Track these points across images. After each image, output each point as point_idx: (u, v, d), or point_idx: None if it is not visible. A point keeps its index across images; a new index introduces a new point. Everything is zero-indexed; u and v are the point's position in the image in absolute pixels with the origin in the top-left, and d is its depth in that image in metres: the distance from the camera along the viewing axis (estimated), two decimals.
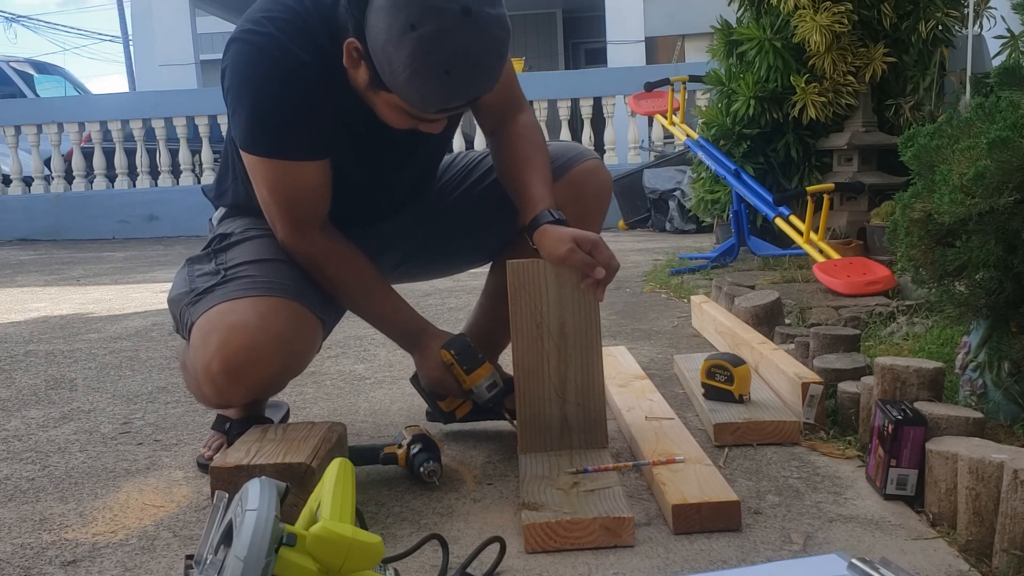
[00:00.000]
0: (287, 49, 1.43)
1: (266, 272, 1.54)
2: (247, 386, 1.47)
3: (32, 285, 4.87)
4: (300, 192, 1.53)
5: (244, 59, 1.46)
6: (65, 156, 8.31)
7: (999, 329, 1.57)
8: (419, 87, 1.33)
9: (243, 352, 1.43)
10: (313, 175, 1.53)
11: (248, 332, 1.43)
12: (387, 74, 1.35)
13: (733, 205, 4.01)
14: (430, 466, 1.53)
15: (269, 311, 1.46)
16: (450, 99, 1.37)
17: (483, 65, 1.34)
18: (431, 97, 1.36)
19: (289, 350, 1.48)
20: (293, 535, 0.95)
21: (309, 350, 1.56)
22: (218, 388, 1.47)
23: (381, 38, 1.31)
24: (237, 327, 1.44)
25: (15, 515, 1.53)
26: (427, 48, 1.28)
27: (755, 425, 1.72)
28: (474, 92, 1.38)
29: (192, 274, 1.60)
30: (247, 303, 1.47)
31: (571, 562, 1.25)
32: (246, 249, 1.61)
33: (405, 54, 1.29)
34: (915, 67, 3.87)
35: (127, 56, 16.91)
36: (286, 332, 1.46)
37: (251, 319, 1.45)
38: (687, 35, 11.53)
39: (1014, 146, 1.41)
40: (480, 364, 1.60)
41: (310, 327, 1.53)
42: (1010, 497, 1.15)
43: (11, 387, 2.48)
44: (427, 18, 1.27)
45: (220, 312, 1.47)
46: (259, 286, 1.51)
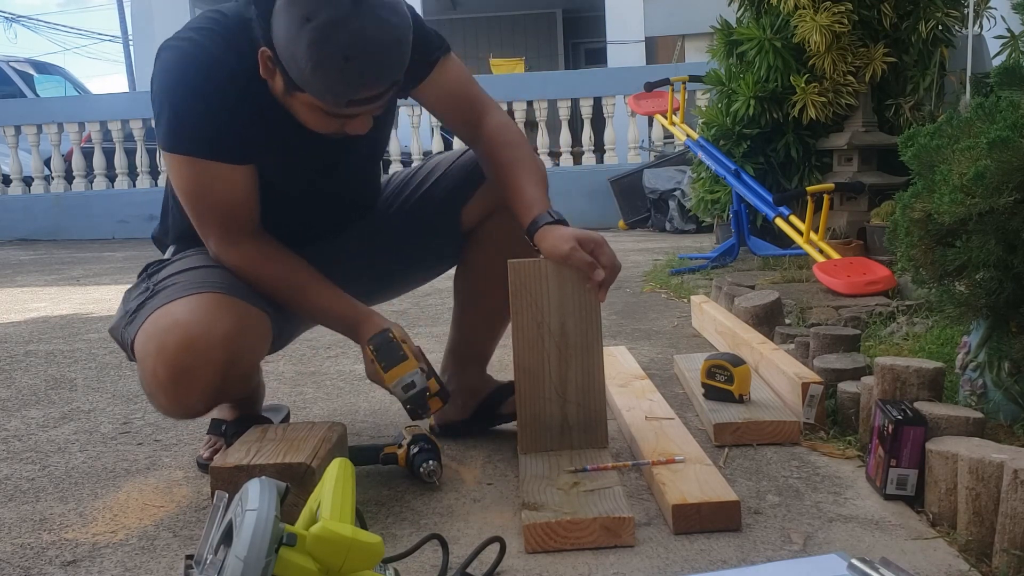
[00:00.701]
0: (210, 52, 1.46)
1: (194, 276, 1.52)
2: (199, 385, 1.43)
3: (32, 285, 4.87)
4: (224, 197, 1.51)
5: (168, 63, 1.48)
6: (65, 156, 8.30)
7: (999, 329, 1.57)
8: (323, 78, 1.35)
9: (182, 350, 1.40)
10: (237, 180, 1.51)
11: (183, 329, 1.41)
12: (295, 72, 1.37)
13: (733, 205, 4.01)
14: (430, 466, 1.53)
15: (201, 307, 1.44)
16: (356, 87, 1.37)
17: (382, 50, 1.36)
18: (337, 87, 1.37)
19: (231, 340, 1.43)
20: (293, 535, 0.95)
21: (256, 340, 1.51)
22: (171, 394, 1.44)
23: (283, 37, 1.36)
24: (171, 328, 1.41)
25: (15, 515, 1.53)
26: (324, 37, 1.32)
27: (755, 425, 1.72)
28: (379, 79, 1.38)
29: (126, 300, 1.59)
30: (178, 304, 1.45)
31: (571, 562, 1.25)
32: (176, 264, 1.59)
33: (304, 47, 1.33)
34: (915, 67, 3.87)
35: (127, 56, 16.90)
36: (223, 323, 1.43)
37: (183, 317, 1.42)
38: (687, 35, 11.52)
39: (1014, 146, 1.41)
40: (399, 362, 1.52)
41: (252, 317, 1.49)
42: (1010, 497, 1.15)
43: (11, 387, 2.48)
44: (319, 9, 1.31)
45: (153, 320, 1.45)
46: (189, 288, 1.48)
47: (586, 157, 7.84)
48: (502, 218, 1.71)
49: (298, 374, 2.49)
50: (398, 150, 7.88)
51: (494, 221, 1.73)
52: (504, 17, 14.21)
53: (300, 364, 2.60)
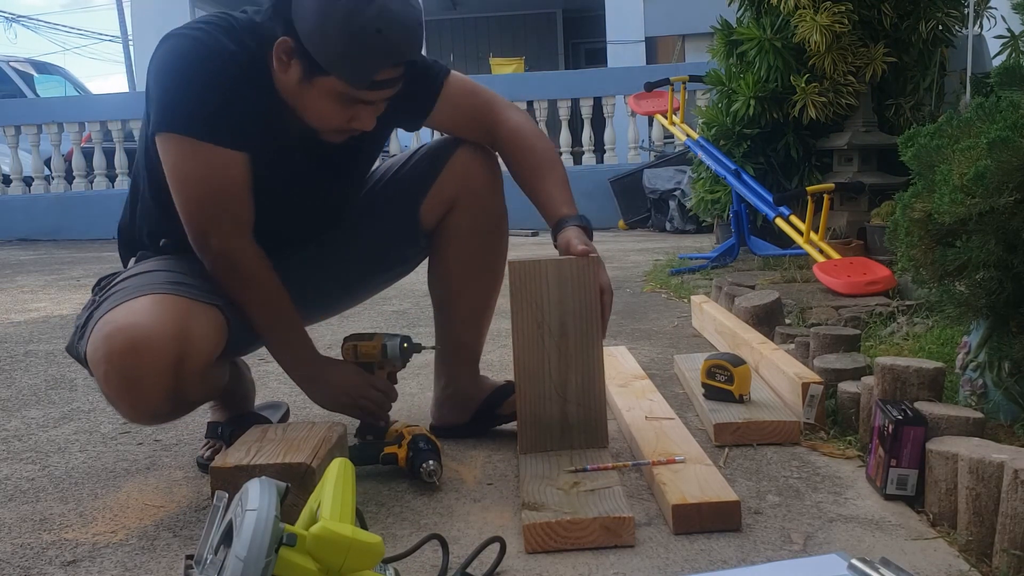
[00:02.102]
0: (215, 38, 1.47)
1: (138, 280, 1.50)
2: (152, 387, 1.39)
3: (32, 285, 4.87)
4: (225, 185, 1.49)
5: (173, 49, 1.48)
6: (65, 156, 8.31)
7: (999, 329, 1.57)
8: (354, 49, 1.40)
9: (128, 354, 1.37)
10: (238, 168, 1.49)
11: (125, 333, 1.38)
12: (322, 51, 1.41)
13: (733, 205, 4.01)
14: (430, 466, 1.53)
15: (143, 308, 1.41)
16: (384, 58, 1.43)
17: (408, 26, 1.43)
18: (369, 60, 1.42)
19: (176, 338, 1.39)
20: (293, 535, 0.95)
21: (206, 335, 1.46)
22: (127, 399, 1.41)
23: (312, 17, 1.40)
24: (114, 334, 1.38)
25: (15, 515, 1.53)
26: (357, 11, 1.38)
27: (755, 425, 1.72)
28: (404, 53, 1.45)
29: (78, 317, 1.57)
30: (120, 310, 1.42)
31: (571, 562, 1.25)
32: (123, 273, 1.57)
33: (339, 20, 1.39)
34: (915, 67, 3.87)
35: (127, 56, 16.90)
36: (167, 322, 1.39)
37: (126, 320, 1.39)
38: (687, 35, 11.53)
39: (1014, 146, 1.41)
40: (375, 333, 1.69)
41: (199, 312, 1.45)
42: (1010, 497, 1.15)
43: (11, 387, 2.48)
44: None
45: (98, 328, 1.42)
46: (131, 292, 1.46)
47: (586, 157, 7.84)
48: (463, 212, 1.71)
49: None
50: (398, 149, 7.88)
51: (455, 216, 1.72)
52: (504, 17, 14.21)
53: None
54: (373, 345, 1.64)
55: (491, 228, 1.75)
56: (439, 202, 1.72)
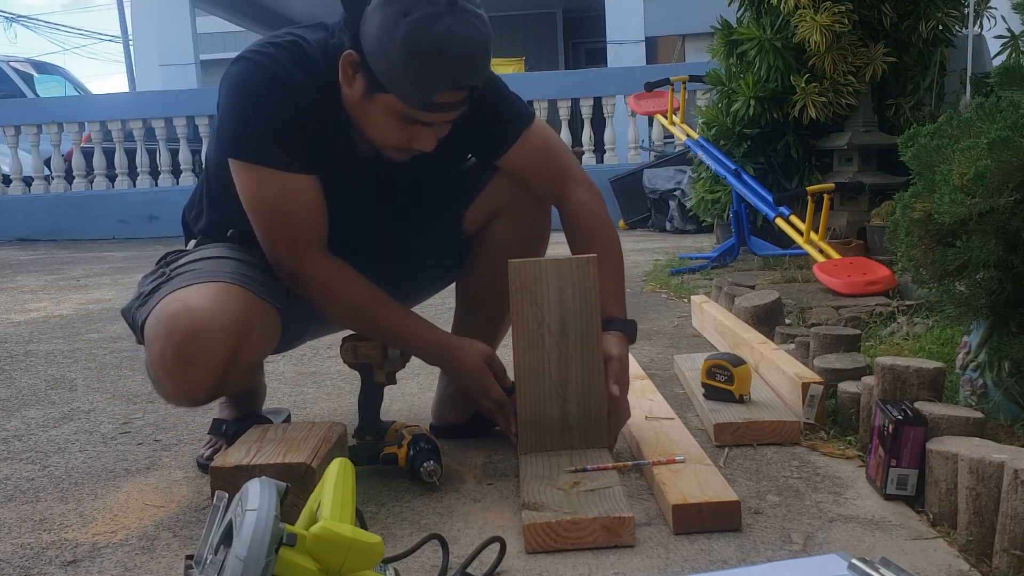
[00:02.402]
0: (285, 67, 1.49)
1: (209, 265, 1.54)
2: (204, 371, 1.43)
3: (32, 285, 4.87)
4: (296, 209, 1.52)
5: (241, 75, 1.50)
6: (65, 156, 8.30)
7: (999, 329, 1.57)
8: (414, 69, 1.40)
9: (190, 335, 1.40)
10: (309, 190, 1.53)
11: (192, 314, 1.41)
12: (383, 68, 1.41)
13: (733, 205, 4.01)
14: (430, 466, 1.53)
15: (212, 294, 1.44)
16: (443, 81, 1.42)
17: (472, 51, 1.41)
18: (425, 81, 1.41)
19: (238, 330, 1.43)
20: (293, 535, 0.95)
21: (264, 332, 1.51)
22: (175, 378, 1.44)
23: (376, 33, 1.40)
24: (181, 313, 1.42)
25: (15, 515, 1.53)
26: (420, 30, 1.38)
27: (755, 425, 1.72)
28: (464, 78, 1.43)
29: (141, 284, 1.61)
30: (190, 290, 1.46)
31: (571, 562, 1.25)
32: (195, 254, 1.60)
33: (400, 39, 1.38)
34: (915, 67, 3.87)
35: (127, 56, 16.90)
36: (232, 311, 1.43)
37: (194, 302, 1.43)
38: (687, 35, 11.53)
39: (1014, 146, 1.41)
40: None
41: (261, 309, 1.49)
42: (1010, 497, 1.15)
43: (11, 387, 2.49)
44: (418, 5, 1.38)
45: (164, 304, 1.46)
46: (202, 276, 1.49)
47: (586, 157, 7.84)
48: (506, 222, 1.72)
49: (298, 374, 2.49)
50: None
51: (499, 224, 1.73)
52: (504, 17, 14.21)
53: (300, 364, 2.60)
54: (372, 346, 1.63)
55: (531, 242, 1.75)
56: (485, 209, 1.72)
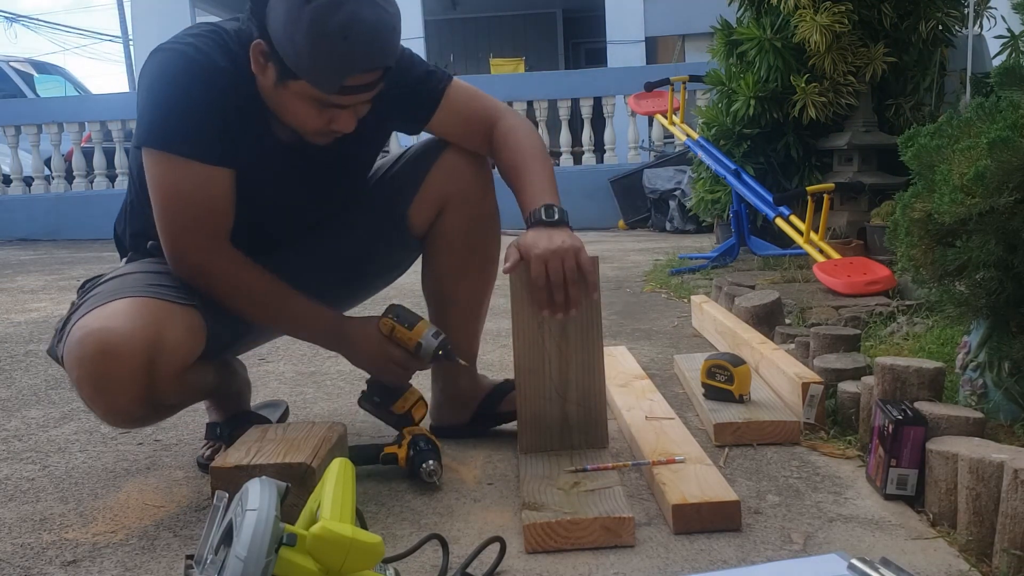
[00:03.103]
0: (205, 54, 1.47)
1: (115, 284, 1.50)
2: (124, 390, 1.38)
3: (32, 285, 4.86)
4: (204, 199, 1.49)
5: (162, 63, 1.48)
6: (65, 156, 8.30)
7: (999, 329, 1.57)
8: (321, 57, 1.38)
9: (99, 357, 1.37)
10: (220, 183, 1.50)
11: (97, 335, 1.38)
12: (291, 55, 1.40)
13: (733, 205, 4.01)
14: (430, 466, 1.53)
15: (116, 312, 1.41)
16: (352, 65, 1.40)
17: (378, 33, 1.40)
18: (335, 66, 1.40)
19: (147, 340, 1.38)
20: (293, 535, 0.95)
21: (181, 336, 1.45)
22: (101, 403, 1.41)
23: (281, 20, 1.39)
24: (85, 339, 1.38)
25: (15, 515, 1.53)
26: (323, 16, 1.36)
27: (755, 425, 1.72)
28: (374, 60, 1.41)
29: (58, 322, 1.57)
30: (94, 314, 1.42)
31: (571, 562, 1.25)
32: (105, 277, 1.58)
33: (304, 26, 1.37)
34: (915, 67, 3.87)
35: (127, 56, 16.91)
36: (137, 324, 1.39)
37: (98, 324, 1.39)
38: (687, 35, 11.53)
39: (1014, 146, 1.41)
40: (419, 320, 1.59)
41: (173, 314, 1.45)
42: (1010, 497, 1.15)
43: (11, 387, 2.48)
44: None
45: (72, 333, 1.42)
46: (107, 296, 1.46)
47: (586, 157, 7.84)
48: (453, 213, 1.70)
49: (298, 374, 2.49)
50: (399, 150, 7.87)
51: (446, 217, 1.71)
52: (504, 17, 14.21)
53: (300, 364, 2.59)
54: (410, 337, 1.58)
55: (482, 228, 1.74)
56: (428, 204, 1.71)
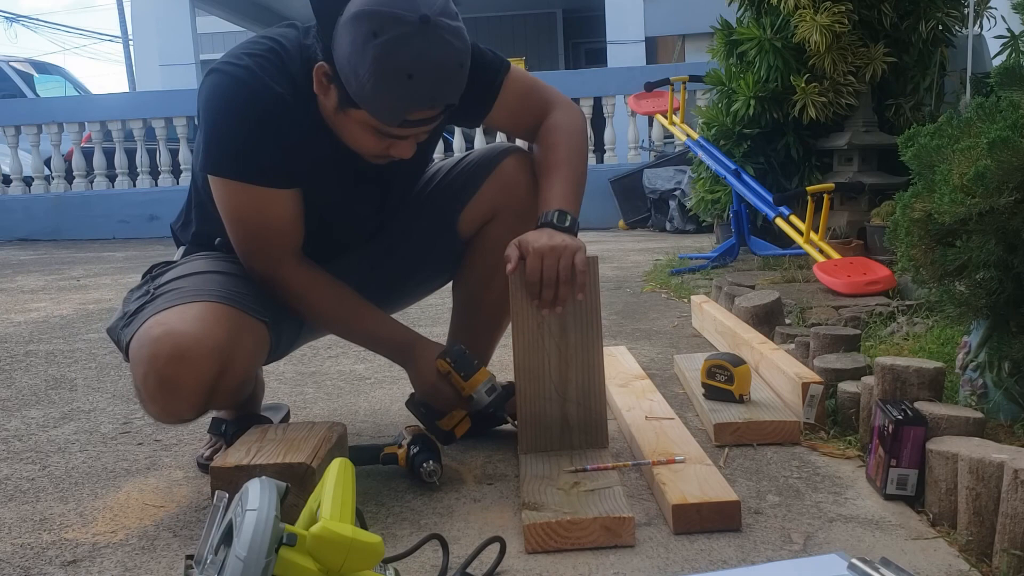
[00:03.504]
0: (262, 80, 1.46)
1: (194, 283, 1.52)
2: (187, 395, 1.42)
3: (32, 285, 4.86)
4: (272, 221, 1.52)
5: (218, 88, 1.48)
6: (65, 156, 8.30)
7: (999, 329, 1.57)
8: (384, 93, 1.37)
9: (173, 360, 1.38)
10: (286, 204, 1.53)
11: (174, 339, 1.39)
12: (353, 86, 1.39)
13: (733, 205, 4.01)
14: (430, 466, 1.53)
15: (195, 316, 1.42)
16: (414, 103, 1.39)
17: (443, 70, 1.38)
18: (396, 104, 1.38)
19: (222, 352, 1.42)
20: (293, 535, 0.95)
21: (250, 352, 1.50)
22: (159, 402, 1.43)
23: (346, 51, 1.37)
24: (163, 338, 1.40)
25: (15, 515, 1.53)
26: (389, 52, 1.34)
27: (755, 425, 1.72)
28: (437, 100, 1.41)
29: (126, 301, 1.59)
30: (173, 312, 1.43)
31: (571, 562, 1.25)
32: (179, 268, 1.59)
33: (369, 61, 1.34)
34: (915, 67, 3.87)
35: (127, 56, 16.90)
36: (216, 335, 1.41)
37: (176, 326, 1.40)
38: (687, 35, 11.52)
39: (1014, 146, 1.41)
40: (477, 370, 1.58)
41: (248, 327, 1.48)
42: (1010, 497, 1.15)
43: (11, 387, 2.49)
44: (387, 26, 1.33)
45: (147, 327, 1.43)
46: (186, 295, 1.47)
47: None
48: (501, 224, 1.70)
49: (298, 374, 2.49)
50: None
51: (493, 226, 1.71)
52: (504, 17, 14.20)
53: (300, 364, 2.60)
54: (464, 387, 1.58)
55: None
56: (480, 211, 1.71)
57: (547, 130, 1.66)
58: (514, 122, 1.70)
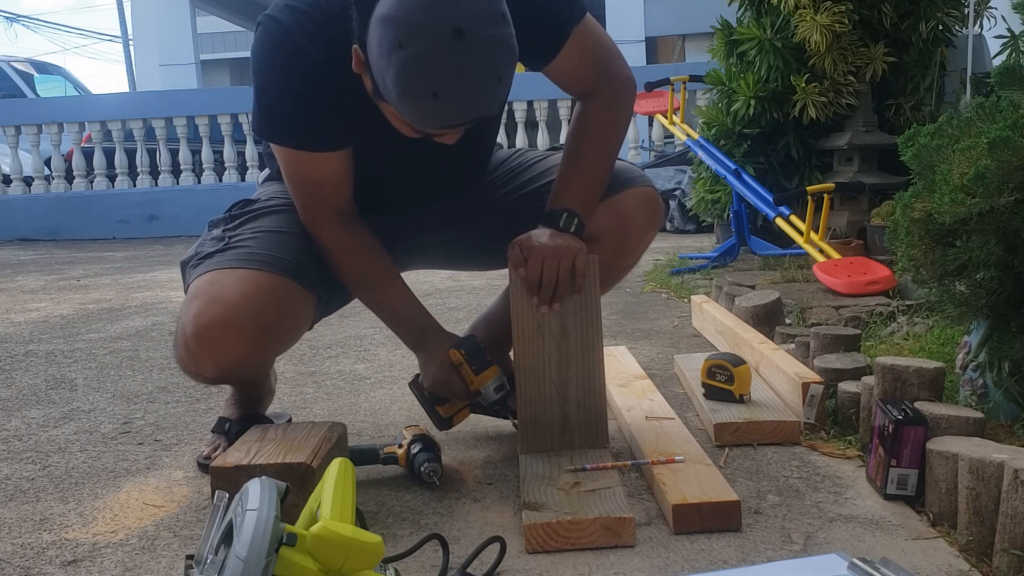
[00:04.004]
0: (302, 45, 1.42)
1: (265, 245, 1.55)
2: (217, 359, 1.48)
3: (32, 285, 4.86)
4: (314, 179, 1.54)
5: (262, 49, 1.48)
6: (65, 156, 8.30)
7: (999, 329, 1.57)
8: (409, 107, 1.29)
9: (215, 326, 1.44)
10: (328, 165, 1.53)
11: (223, 307, 1.44)
12: (382, 89, 1.31)
13: (733, 205, 4.01)
14: (430, 466, 1.53)
15: (252, 289, 1.46)
16: (441, 121, 1.31)
17: (477, 88, 1.27)
18: (422, 118, 1.31)
19: (262, 329, 1.47)
20: (293, 535, 0.95)
21: (290, 327, 1.55)
22: (189, 354, 1.49)
23: (375, 53, 1.28)
24: (215, 300, 1.45)
25: (15, 515, 1.53)
26: (413, 70, 1.23)
27: (755, 425, 1.72)
28: (467, 116, 1.30)
29: (204, 237, 1.63)
30: (233, 275, 1.47)
31: (571, 562, 1.25)
32: (258, 220, 1.62)
33: (393, 73, 1.25)
34: (915, 67, 3.87)
35: (127, 56, 16.91)
36: (263, 312, 1.46)
37: (230, 294, 1.45)
38: (687, 35, 11.55)
39: (1014, 146, 1.41)
40: (488, 366, 1.57)
41: (295, 302, 1.51)
42: (1010, 497, 1.15)
43: (11, 387, 2.49)
44: (415, 38, 1.22)
45: (207, 280, 1.48)
46: (254, 259, 1.51)
47: None
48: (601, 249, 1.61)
49: (298, 374, 2.49)
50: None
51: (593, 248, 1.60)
52: None
53: (300, 364, 2.60)
54: (473, 381, 1.56)
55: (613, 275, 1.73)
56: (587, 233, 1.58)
57: (587, 117, 1.60)
58: (565, 80, 1.61)
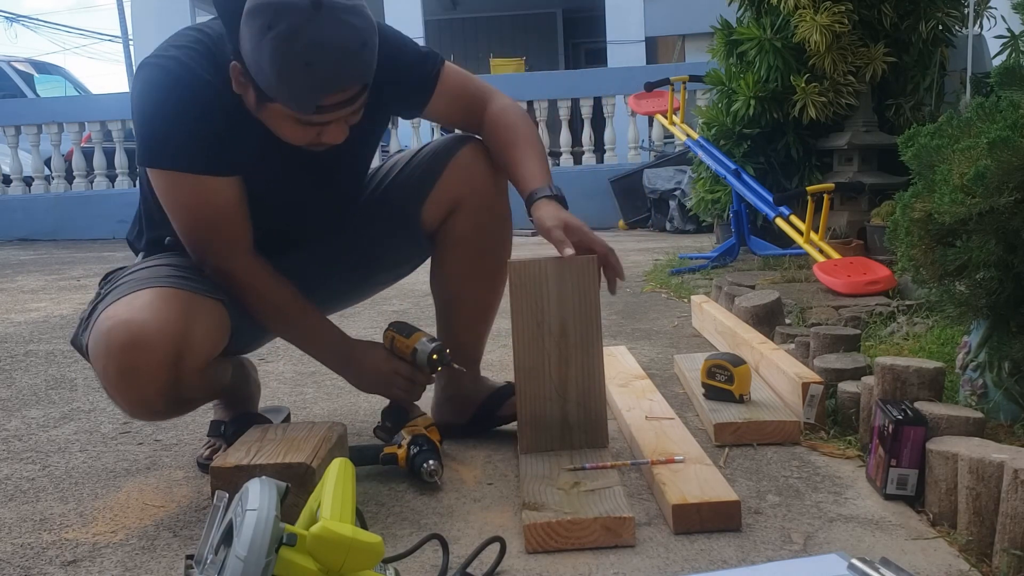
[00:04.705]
0: (191, 68, 1.46)
1: (144, 274, 1.51)
2: (149, 382, 1.39)
3: (32, 285, 4.86)
4: (211, 209, 1.51)
5: (149, 81, 1.48)
6: (65, 156, 8.30)
7: (999, 329, 1.57)
8: (288, 85, 1.37)
9: (128, 348, 1.38)
10: (225, 192, 1.51)
11: (127, 326, 1.39)
12: (262, 81, 1.39)
13: (733, 205, 4.01)
14: (430, 466, 1.53)
15: (145, 302, 1.42)
16: (320, 89, 1.38)
17: (345, 54, 1.36)
18: (303, 94, 1.38)
19: (177, 334, 1.40)
20: (293, 535, 0.95)
21: (208, 331, 1.48)
22: (125, 393, 1.42)
23: (248, 48, 1.37)
24: (115, 328, 1.39)
25: (15, 515, 1.53)
26: (285, 44, 1.33)
27: (755, 425, 1.72)
28: (343, 81, 1.38)
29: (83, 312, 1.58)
30: (122, 303, 1.43)
31: (571, 562, 1.25)
32: (131, 268, 1.59)
33: (268, 55, 1.34)
34: (915, 67, 3.86)
35: (127, 56, 16.90)
36: (167, 315, 1.40)
37: (127, 314, 1.40)
38: (687, 35, 11.53)
39: (1014, 146, 1.41)
40: (417, 331, 1.62)
41: (202, 307, 1.47)
42: (1010, 497, 1.15)
43: (11, 387, 2.49)
44: (280, 17, 1.33)
45: (100, 322, 1.43)
46: (135, 285, 1.47)
47: (586, 157, 7.84)
48: (466, 214, 1.70)
49: (298, 374, 2.49)
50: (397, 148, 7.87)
51: (458, 218, 1.71)
52: (504, 17, 14.20)
53: (300, 364, 2.59)
54: (407, 344, 1.61)
55: (494, 230, 1.74)
56: (441, 203, 1.70)
57: (498, 113, 1.68)
58: (454, 111, 1.70)
